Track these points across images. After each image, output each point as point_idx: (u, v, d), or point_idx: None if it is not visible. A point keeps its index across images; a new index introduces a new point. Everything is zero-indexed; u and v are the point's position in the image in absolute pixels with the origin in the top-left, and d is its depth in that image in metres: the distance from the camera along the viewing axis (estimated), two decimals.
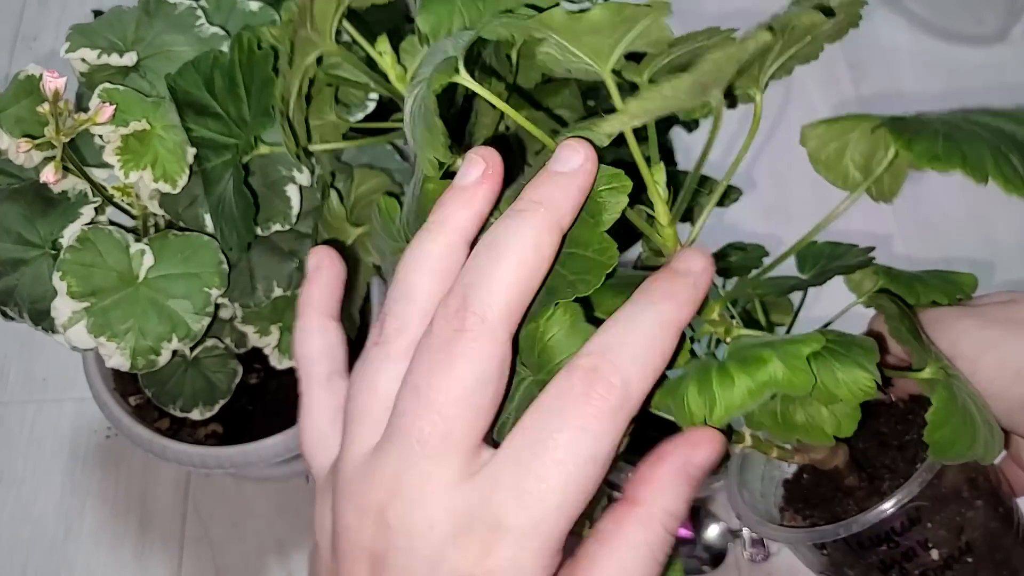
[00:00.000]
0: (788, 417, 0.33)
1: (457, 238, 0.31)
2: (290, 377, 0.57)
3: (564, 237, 0.30)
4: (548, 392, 0.29)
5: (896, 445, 0.40)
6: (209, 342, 0.56)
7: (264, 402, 0.61)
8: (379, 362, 0.31)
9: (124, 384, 0.61)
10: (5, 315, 0.50)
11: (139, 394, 0.61)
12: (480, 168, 0.30)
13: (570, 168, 0.29)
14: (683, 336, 0.30)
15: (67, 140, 0.41)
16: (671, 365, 0.30)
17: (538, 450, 0.28)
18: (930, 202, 0.77)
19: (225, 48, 0.47)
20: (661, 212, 0.32)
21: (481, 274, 0.29)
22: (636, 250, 0.44)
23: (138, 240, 0.47)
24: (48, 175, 0.41)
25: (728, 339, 0.34)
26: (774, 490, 0.42)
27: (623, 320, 0.29)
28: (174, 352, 0.48)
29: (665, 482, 0.30)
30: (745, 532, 0.65)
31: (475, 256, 0.30)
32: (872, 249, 0.39)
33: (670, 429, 0.59)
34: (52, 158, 0.44)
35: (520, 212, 0.29)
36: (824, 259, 0.39)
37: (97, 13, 0.67)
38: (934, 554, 0.36)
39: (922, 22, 0.85)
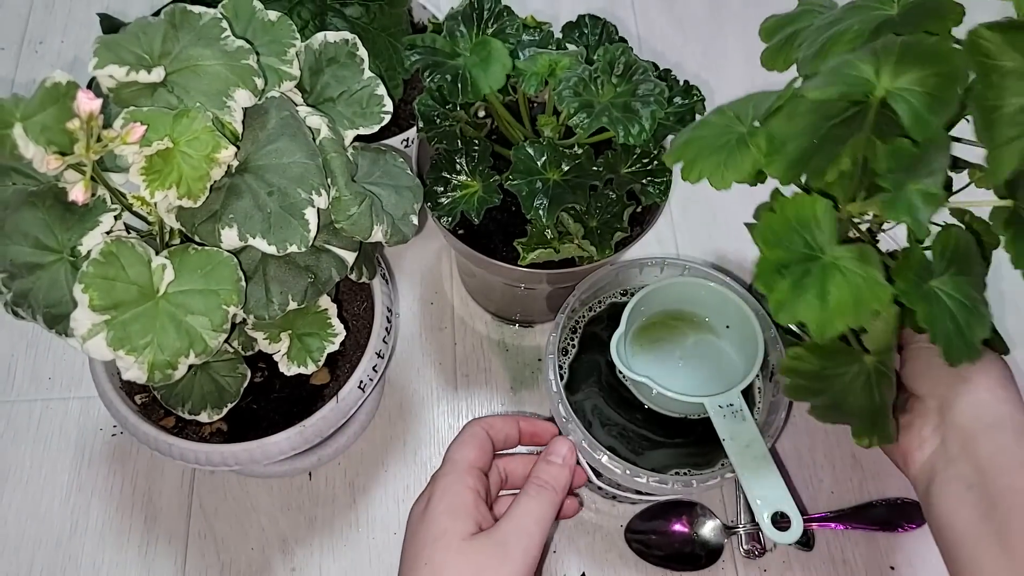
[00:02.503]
0: None
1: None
2: (294, 377, 0.58)
3: None
4: None
5: None
6: None
7: (268, 400, 0.61)
8: None
9: (130, 383, 0.61)
10: (17, 315, 0.50)
11: (145, 392, 0.61)
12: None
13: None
14: None
15: (96, 158, 0.41)
16: None
17: None
18: None
19: (250, 61, 0.47)
20: None
21: None
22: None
23: (158, 253, 0.47)
24: (78, 195, 0.40)
25: None
26: None
27: None
28: (189, 366, 0.48)
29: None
30: (741, 528, 0.66)
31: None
32: None
33: (670, 429, 0.59)
34: (74, 164, 0.43)
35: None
36: None
37: (102, 16, 0.67)
38: None
39: None
